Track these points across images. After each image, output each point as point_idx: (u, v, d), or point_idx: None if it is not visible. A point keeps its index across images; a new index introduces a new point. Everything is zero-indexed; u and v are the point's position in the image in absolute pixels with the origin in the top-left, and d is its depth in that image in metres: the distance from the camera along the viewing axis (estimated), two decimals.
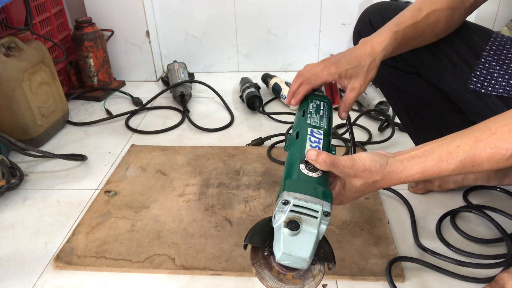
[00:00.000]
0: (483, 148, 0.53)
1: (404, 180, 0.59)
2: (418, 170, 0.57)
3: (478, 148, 0.53)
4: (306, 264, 0.54)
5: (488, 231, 0.85)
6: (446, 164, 0.56)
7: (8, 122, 1.14)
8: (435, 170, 0.57)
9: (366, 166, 0.58)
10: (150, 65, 1.71)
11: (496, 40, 0.78)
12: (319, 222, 0.55)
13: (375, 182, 0.59)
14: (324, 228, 0.55)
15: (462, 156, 0.55)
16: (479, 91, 0.76)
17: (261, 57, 1.79)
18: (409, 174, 0.58)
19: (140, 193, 1.00)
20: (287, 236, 0.54)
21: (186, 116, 1.39)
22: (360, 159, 0.58)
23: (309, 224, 0.54)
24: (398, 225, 0.88)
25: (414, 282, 0.74)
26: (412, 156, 0.58)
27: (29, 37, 1.24)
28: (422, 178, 0.58)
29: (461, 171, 0.56)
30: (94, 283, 0.77)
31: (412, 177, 0.58)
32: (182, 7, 1.69)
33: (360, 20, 0.93)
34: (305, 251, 0.53)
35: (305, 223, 0.54)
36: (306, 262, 0.54)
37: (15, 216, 0.95)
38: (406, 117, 0.97)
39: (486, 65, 0.76)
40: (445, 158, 0.56)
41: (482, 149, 0.53)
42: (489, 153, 0.53)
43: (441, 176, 0.58)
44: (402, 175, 0.58)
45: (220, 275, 0.77)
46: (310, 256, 0.54)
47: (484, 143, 0.53)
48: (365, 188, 0.61)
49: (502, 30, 1.62)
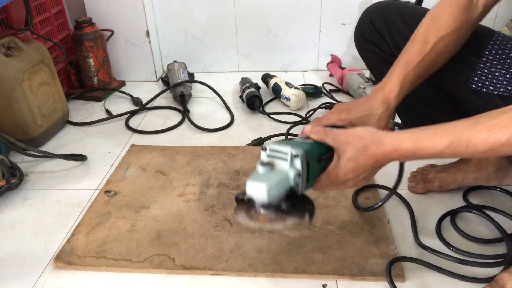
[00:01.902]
0: (480, 129, 0.53)
1: (397, 148, 0.58)
2: (411, 139, 0.57)
3: (475, 129, 0.54)
4: (266, 194, 0.56)
5: (488, 231, 0.85)
6: (440, 138, 0.56)
7: (8, 122, 1.14)
8: (428, 143, 0.56)
9: (356, 132, 0.61)
10: (150, 65, 1.71)
11: (498, 40, 0.78)
12: (290, 163, 0.59)
13: (366, 147, 0.59)
14: (294, 172, 0.59)
15: (458, 134, 0.55)
16: (481, 90, 0.76)
17: (261, 57, 1.79)
18: (402, 141, 0.58)
19: (140, 193, 1.00)
20: (257, 171, 0.61)
21: (186, 116, 1.39)
22: (351, 128, 0.62)
23: (279, 165, 0.60)
24: (398, 225, 0.88)
25: (414, 282, 0.74)
26: (408, 130, 0.59)
27: (29, 37, 1.24)
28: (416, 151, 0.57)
29: (455, 150, 0.55)
30: (94, 283, 0.77)
31: (404, 145, 0.58)
32: (182, 7, 1.69)
33: (361, 20, 0.93)
34: (266, 180, 0.57)
35: (277, 165, 0.61)
36: (266, 191, 0.56)
37: (15, 216, 0.95)
38: (407, 117, 0.97)
39: (487, 64, 0.76)
40: (440, 133, 0.56)
41: (479, 130, 0.53)
42: (485, 136, 0.53)
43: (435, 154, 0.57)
44: (394, 141, 0.58)
45: (220, 275, 0.77)
46: (271, 186, 0.56)
47: (482, 126, 0.53)
48: (358, 155, 0.60)
49: (502, 30, 1.62)
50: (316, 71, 1.79)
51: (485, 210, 0.89)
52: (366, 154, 0.60)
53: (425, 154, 0.57)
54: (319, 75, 1.74)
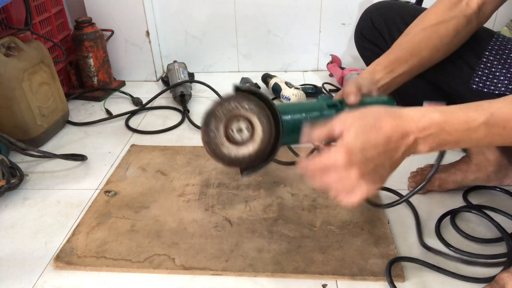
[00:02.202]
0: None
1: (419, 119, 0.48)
2: (439, 110, 0.49)
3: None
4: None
5: (488, 231, 0.85)
6: (475, 113, 0.48)
7: (8, 122, 1.14)
8: (460, 116, 0.48)
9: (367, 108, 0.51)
10: (150, 65, 1.71)
11: (498, 40, 0.78)
12: None
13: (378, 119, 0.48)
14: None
15: (495, 110, 0.47)
16: (482, 90, 0.76)
17: (261, 57, 1.79)
18: (426, 112, 0.48)
19: (140, 193, 1.00)
20: None
21: (186, 116, 1.39)
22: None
23: None
24: (398, 225, 0.88)
25: (414, 282, 0.74)
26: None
27: (29, 37, 1.24)
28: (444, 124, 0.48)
29: (491, 130, 0.47)
30: (94, 283, 0.77)
31: (430, 115, 0.48)
32: (182, 7, 1.69)
33: (362, 19, 0.93)
34: None
35: None
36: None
37: (15, 216, 0.95)
38: None
39: (488, 64, 0.76)
40: (474, 108, 0.48)
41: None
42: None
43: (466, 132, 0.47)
44: (415, 112, 0.49)
45: (220, 275, 0.77)
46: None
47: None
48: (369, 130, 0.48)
49: (502, 30, 1.62)
50: (316, 71, 1.79)
51: (485, 210, 0.89)
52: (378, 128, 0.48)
53: (454, 132, 0.48)
54: (319, 75, 1.74)
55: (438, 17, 0.75)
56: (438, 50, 0.77)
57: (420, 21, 0.78)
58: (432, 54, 0.77)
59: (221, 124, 0.64)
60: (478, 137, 0.48)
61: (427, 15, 0.78)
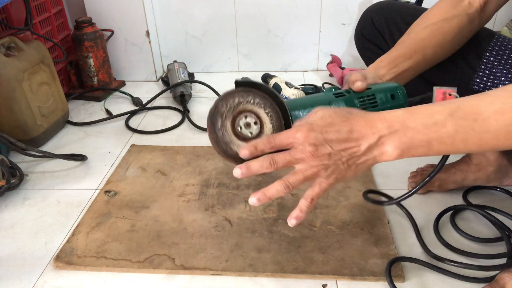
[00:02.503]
0: (491, 101, 0.44)
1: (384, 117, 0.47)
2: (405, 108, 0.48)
3: (485, 100, 0.44)
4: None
5: (488, 230, 0.85)
6: (440, 106, 0.46)
7: (8, 122, 1.14)
8: (424, 110, 0.46)
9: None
10: (150, 65, 1.71)
11: (498, 41, 0.78)
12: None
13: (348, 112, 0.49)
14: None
15: (463, 102, 0.45)
16: (482, 91, 0.76)
17: (261, 57, 1.78)
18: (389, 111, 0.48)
19: (140, 193, 1.00)
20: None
21: (186, 116, 1.39)
22: None
23: None
24: (398, 225, 0.88)
25: (414, 282, 0.74)
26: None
27: (29, 37, 1.24)
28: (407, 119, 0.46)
29: (460, 122, 0.44)
30: (94, 283, 0.77)
31: (393, 112, 0.47)
32: (182, 7, 1.69)
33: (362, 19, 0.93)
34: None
35: None
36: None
37: (15, 216, 0.95)
38: None
39: (488, 65, 0.76)
40: (440, 103, 0.47)
41: (491, 102, 0.44)
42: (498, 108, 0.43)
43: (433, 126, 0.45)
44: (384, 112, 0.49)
45: (220, 275, 0.77)
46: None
47: (494, 97, 0.44)
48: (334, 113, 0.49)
49: (502, 30, 1.62)
50: (316, 71, 1.79)
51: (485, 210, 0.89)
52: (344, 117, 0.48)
53: (422, 128, 0.46)
54: (319, 75, 1.74)
55: (440, 15, 0.75)
56: (441, 47, 0.77)
57: (423, 20, 0.78)
58: (435, 51, 0.76)
59: (228, 122, 0.61)
60: (449, 133, 0.45)
61: (429, 14, 0.78)
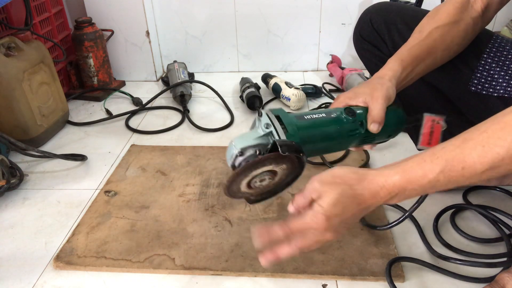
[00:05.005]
0: (472, 146, 0.47)
1: (383, 185, 0.53)
2: (397, 171, 0.52)
3: (467, 147, 0.48)
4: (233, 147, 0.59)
5: (488, 230, 0.85)
6: (430, 164, 0.50)
7: (8, 122, 1.14)
8: (418, 172, 0.51)
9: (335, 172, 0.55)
10: (150, 65, 1.71)
11: (496, 42, 0.78)
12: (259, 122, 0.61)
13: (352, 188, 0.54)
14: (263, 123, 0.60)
15: (449, 155, 0.49)
16: (480, 92, 0.76)
17: (261, 57, 1.79)
18: (387, 176, 0.52)
19: (140, 193, 1.00)
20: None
21: (186, 116, 1.39)
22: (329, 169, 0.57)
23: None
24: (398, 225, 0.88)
25: (414, 282, 0.74)
26: (393, 163, 0.54)
27: (29, 37, 1.24)
28: (405, 184, 0.52)
29: (451, 175, 0.49)
30: (94, 283, 0.77)
31: (391, 179, 0.52)
32: (182, 7, 1.69)
33: (361, 20, 0.93)
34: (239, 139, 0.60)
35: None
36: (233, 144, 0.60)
37: (15, 216, 0.95)
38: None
39: (486, 66, 0.76)
40: (429, 159, 0.50)
41: (472, 147, 0.47)
42: (480, 152, 0.47)
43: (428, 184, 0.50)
44: (379, 178, 0.53)
45: (220, 275, 0.77)
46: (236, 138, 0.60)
47: (473, 142, 0.48)
48: (345, 198, 0.54)
49: (502, 30, 1.62)
50: (316, 71, 1.79)
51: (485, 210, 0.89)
52: (353, 197, 0.54)
53: (418, 187, 0.51)
54: (319, 75, 1.75)
55: (450, 18, 0.74)
56: (449, 51, 0.76)
57: (433, 20, 0.76)
58: (443, 55, 0.76)
59: (248, 179, 0.61)
60: (442, 184, 0.50)
61: (439, 13, 0.76)
